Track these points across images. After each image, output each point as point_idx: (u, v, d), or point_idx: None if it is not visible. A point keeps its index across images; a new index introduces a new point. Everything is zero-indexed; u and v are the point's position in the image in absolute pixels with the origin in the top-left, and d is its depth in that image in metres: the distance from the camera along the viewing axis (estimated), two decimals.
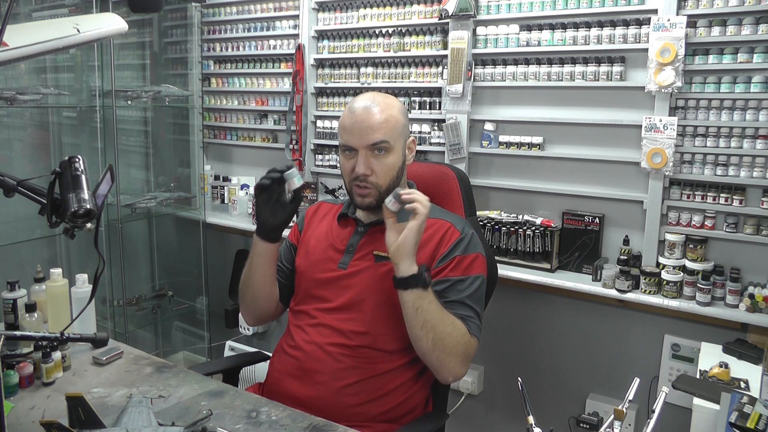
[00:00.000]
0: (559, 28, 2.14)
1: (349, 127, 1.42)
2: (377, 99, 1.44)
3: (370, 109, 1.41)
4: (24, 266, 2.34)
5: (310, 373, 1.39)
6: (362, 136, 1.40)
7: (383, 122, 1.40)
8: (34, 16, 2.81)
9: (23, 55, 1.09)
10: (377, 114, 1.41)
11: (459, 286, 1.39)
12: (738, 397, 1.25)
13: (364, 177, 1.41)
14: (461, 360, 1.34)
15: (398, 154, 1.44)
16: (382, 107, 1.42)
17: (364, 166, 1.40)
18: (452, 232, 1.44)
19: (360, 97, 1.45)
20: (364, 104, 1.42)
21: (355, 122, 1.41)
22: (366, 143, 1.40)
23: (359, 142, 1.40)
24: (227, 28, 3.05)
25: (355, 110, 1.42)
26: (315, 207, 1.66)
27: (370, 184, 1.42)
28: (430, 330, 1.29)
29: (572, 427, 1.99)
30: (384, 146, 1.40)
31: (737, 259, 1.90)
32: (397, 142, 1.44)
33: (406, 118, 1.49)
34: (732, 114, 1.87)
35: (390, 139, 1.41)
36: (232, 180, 3.10)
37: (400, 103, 1.49)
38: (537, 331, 2.27)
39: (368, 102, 1.43)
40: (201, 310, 3.15)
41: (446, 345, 1.30)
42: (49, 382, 1.34)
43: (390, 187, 1.44)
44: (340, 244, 1.50)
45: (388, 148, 1.41)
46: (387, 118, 1.41)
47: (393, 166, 1.43)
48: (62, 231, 1.08)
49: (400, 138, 1.44)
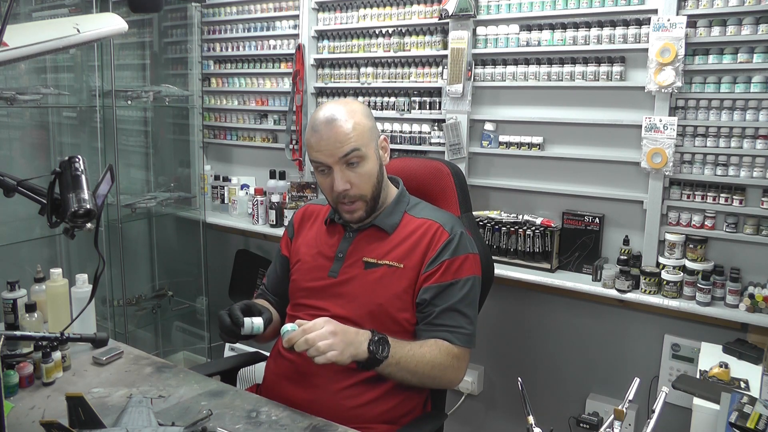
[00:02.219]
0: (559, 28, 2.14)
1: (315, 145, 1.37)
2: (337, 108, 1.38)
3: (333, 121, 1.36)
4: (24, 266, 2.34)
5: (307, 376, 1.37)
6: (332, 151, 1.35)
7: (350, 131, 1.35)
8: (34, 16, 2.81)
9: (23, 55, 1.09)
10: (342, 124, 1.35)
11: (449, 291, 1.38)
12: (738, 397, 1.25)
13: (345, 193, 1.38)
14: (453, 375, 1.38)
15: (373, 159, 1.40)
16: (345, 115, 1.36)
17: (342, 181, 1.37)
18: (440, 234, 1.42)
19: (320, 111, 1.40)
20: (325, 117, 1.37)
21: (321, 138, 1.36)
22: (337, 157, 1.35)
23: (330, 158, 1.36)
24: (227, 28, 3.05)
25: (318, 126, 1.37)
26: (302, 211, 1.63)
27: (355, 197, 1.40)
28: (411, 378, 1.33)
29: (572, 427, 1.99)
30: (356, 156, 1.36)
31: (737, 259, 1.90)
32: (369, 147, 1.39)
33: (372, 119, 1.45)
34: (732, 114, 1.87)
35: (361, 146, 1.36)
36: (232, 180, 3.10)
37: (362, 106, 1.45)
38: (537, 331, 2.27)
39: (329, 113, 1.37)
40: (201, 310, 3.15)
41: (434, 377, 1.35)
42: (49, 382, 1.34)
43: (375, 193, 1.42)
44: (329, 251, 1.48)
45: (361, 157, 1.37)
46: (353, 126, 1.36)
47: (371, 174, 1.40)
48: (62, 231, 1.08)
49: (371, 142, 1.40)
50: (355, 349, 1.23)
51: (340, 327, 1.24)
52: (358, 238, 1.47)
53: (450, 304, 1.37)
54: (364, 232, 1.47)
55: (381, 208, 1.47)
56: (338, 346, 1.20)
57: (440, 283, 1.38)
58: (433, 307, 1.38)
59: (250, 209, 2.86)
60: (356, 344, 1.23)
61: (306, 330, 1.21)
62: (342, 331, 1.23)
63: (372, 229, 1.47)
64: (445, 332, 1.36)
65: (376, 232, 1.46)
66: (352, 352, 1.22)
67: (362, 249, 1.45)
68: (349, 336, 1.23)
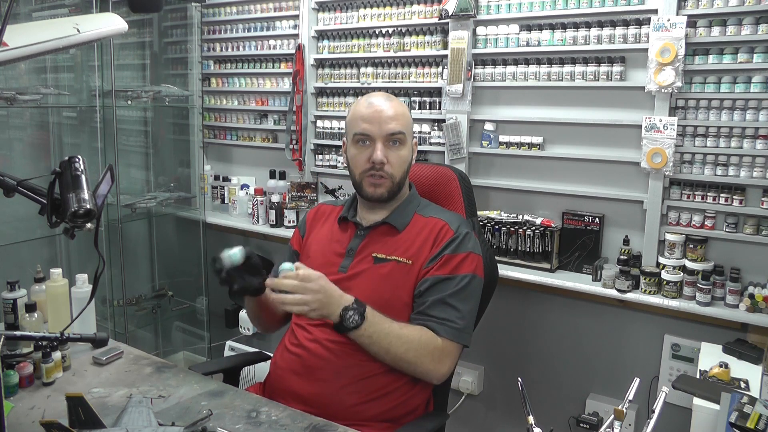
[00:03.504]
0: (559, 28, 2.14)
1: (368, 117, 1.45)
2: (390, 97, 1.50)
3: (389, 100, 1.48)
4: (24, 266, 2.33)
5: (313, 370, 1.39)
6: (381, 125, 1.44)
7: (400, 115, 1.47)
8: (34, 16, 2.81)
9: (23, 55, 1.09)
10: (396, 106, 1.48)
11: (444, 285, 1.40)
12: (738, 397, 1.25)
13: (381, 165, 1.44)
14: (432, 365, 1.37)
15: (409, 149, 1.50)
16: (396, 104, 1.49)
17: (382, 153, 1.43)
18: (446, 231, 1.46)
19: (372, 94, 1.51)
20: (382, 96, 1.49)
21: (374, 112, 1.45)
22: (384, 132, 1.44)
23: (378, 130, 1.44)
24: (227, 28, 3.05)
25: (373, 102, 1.47)
26: (314, 210, 1.68)
27: (385, 174, 1.45)
28: (385, 355, 1.34)
29: (572, 427, 1.99)
30: (400, 137, 1.46)
31: (737, 259, 1.89)
32: (409, 137, 1.50)
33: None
34: (732, 114, 1.87)
35: (406, 131, 1.47)
36: (232, 180, 3.10)
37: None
38: (537, 331, 2.27)
39: (383, 98, 1.49)
40: (201, 310, 3.15)
41: (408, 360, 1.35)
42: (49, 382, 1.34)
43: (401, 180, 1.48)
44: (340, 248, 1.52)
45: (402, 140, 1.47)
46: (403, 113, 1.48)
47: (406, 160, 1.49)
48: (62, 231, 1.08)
49: (410, 134, 1.51)
50: (328, 311, 1.28)
51: (327, 287, 1.29)
52: (370, 235, 1.50)
53: (442, 296, 1.39)
54: (375, 229, 1.50)
55: (393, 204, 1.52)
56: (312, 304, 1.26)
57: (436, 275, 1.41)
58: (426, 297, 1.40)
59: (250, 209, 2.86)
60: (331, 307, 1.29)
61: (301, 277, 1.26)
62: (326, 291, 1.28)
63: (383, 227, 1.50)
64: (433, 322, 1.38)
65: (388, 230, 1.49)
66: (323, 312, 1.28)
67: (373, 245, 1.48)
68: (329, 298, 1.28)
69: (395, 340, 1.33)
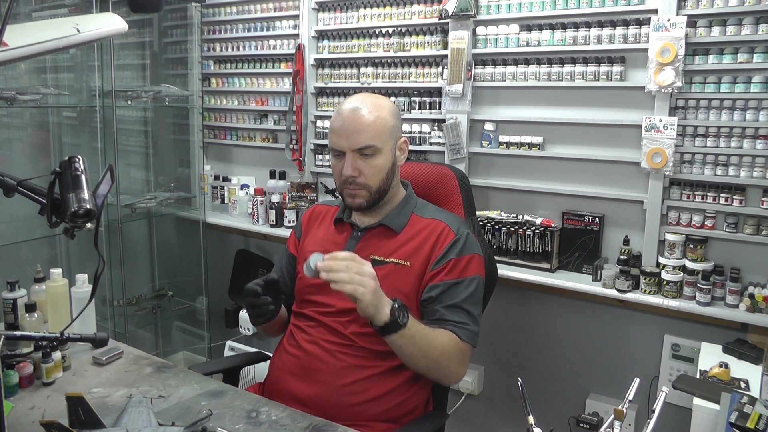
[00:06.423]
0: (559, 28, 2.14)
1: (337, 129, 1.42)
2: (366, 100, 1.43)
3: (358, 111, 1.41)
4: (24, 266, 2.34)
5: (312, 371, 1.39)
6: (349, 138, 1.40)
7: (371, 124, 1.40)
8: (34, 16, 2.81)
9: (23, 55, 1.09)
10: (365, 116, 1.40)
11: (454, 290, 1.39)
12: (738, 397, 1.25)
13: (352, 179, 1.42)
14: (457, 368, 1.38)
15: (387, 155, 1.44)
16: (371, 108, 1.42)
17: (351, 168, 1.41)
18: (447, 234, 1.44)
19: (349, 99, 1.46)
20: (352, 106, 1.42)
21: (343, 125, 1.41)
22: (353, 146, 1.40)
23: (346, 144, 1.41)
24: (227, 28, 3.05)
25: (343, 112, 1.42)
26: (309, 212, 1.66)
27: (359, 185, 1.43)
28: (421, 359, 1.32)
29: (572, 427, 1.99)
30: (370, 151, 1.41)
31: (737, 259, 1.89)
32: (386, 143, 1.43)
33: (397, 118, 1.48)
34: (732, 114, 1.87)
35: (377, 142, 1.41)
36: (232, 180, 3.10)
37: (390, 104, 1.48)
38: (537, 331, 2.27)
39: (357, 104, 1.42)
40: (201, 310, 3.15)
41: (441, 364, 1.34)
42: (49, 382, 1.34)
43: (381, 187, 1.44)
44: (336, 249, 1.48)
45: (375, 151, 1.41)
46: (375, 120, 1.41)
47: (381, 168, 1.43)
48: (62, 231, 1.08)
49: (389, 139, 1.44)
50: (381, 303, 1.22)
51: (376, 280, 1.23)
52: (366, 237, 1.49)
53: (455, 301, 1.38)
54: (371, 231, 1.49)
55: (388, 206, 1.50)
56: (369, 285, 1.19)
57: (446, 281, 1.40)
58: (438, 304, 1.39)
59: (250, 209, 2.86)
60: (381, 303, 1.23)
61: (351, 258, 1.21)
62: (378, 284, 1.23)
63: (380, 229, 1.49)
64: (454, 326, 1.37)
65: (384, 232, 1.48)
66: (376, 303, 1.21)
67: (370, 247, 1.46)
68: (380, 291, 1.23)
69: (432, 341, 1.31)
